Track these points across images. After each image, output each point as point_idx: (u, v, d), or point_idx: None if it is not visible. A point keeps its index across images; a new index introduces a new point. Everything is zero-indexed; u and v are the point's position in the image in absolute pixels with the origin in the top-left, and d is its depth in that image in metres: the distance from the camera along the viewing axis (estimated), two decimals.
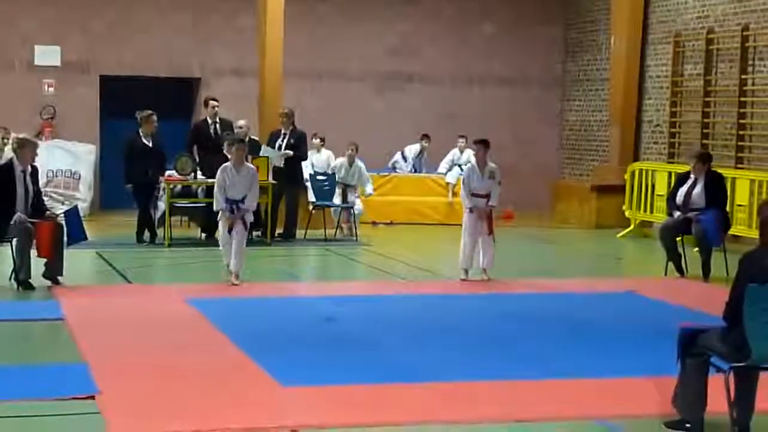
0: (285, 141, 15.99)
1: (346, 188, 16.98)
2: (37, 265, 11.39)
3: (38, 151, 11.89)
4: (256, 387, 7.45)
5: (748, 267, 5.98)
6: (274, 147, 15.94)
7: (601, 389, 7.57)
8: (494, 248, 12.41)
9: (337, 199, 16.80)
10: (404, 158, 19.63)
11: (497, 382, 7.69)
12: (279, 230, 15.97)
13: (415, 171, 19.57)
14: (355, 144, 17.10)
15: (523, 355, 8.63)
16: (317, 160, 17.68)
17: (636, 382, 7.69)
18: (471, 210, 12.33)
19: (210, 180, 15.52)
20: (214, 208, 12.41)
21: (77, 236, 11.92)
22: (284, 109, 16.43)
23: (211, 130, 16.00)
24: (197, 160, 15.90)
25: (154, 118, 15.22)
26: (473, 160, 13.32)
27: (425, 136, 19.53)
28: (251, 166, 12.63)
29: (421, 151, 19.60)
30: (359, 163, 17.11)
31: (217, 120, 16.10)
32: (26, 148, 11.46)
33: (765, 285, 5.84)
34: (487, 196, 12.37)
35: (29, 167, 11.49)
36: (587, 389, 7.55)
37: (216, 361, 8.23)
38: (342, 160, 17.12)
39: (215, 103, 16.17)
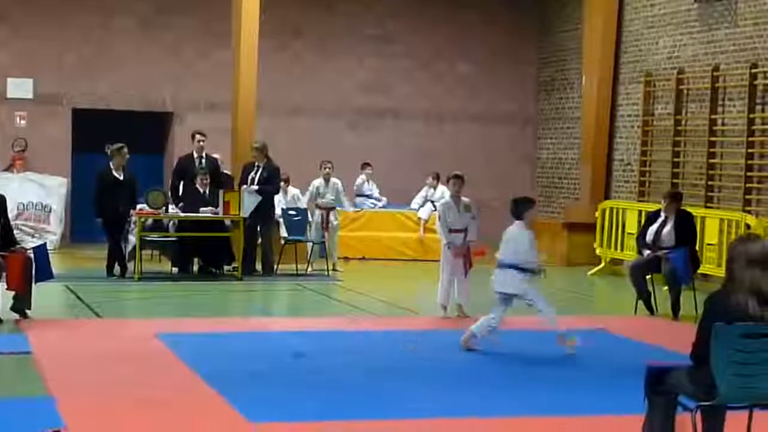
0: (258, 174, 15.99)
1: (328, 212, 16.94)
2: (5, 298, 11.31)
3: (9, 183, 11.81)
4: (223, 423, 7.41)
5: (714, 306, 6.02)
6: (247, 180, 15.94)
7: (568, 427, 7.57)
8: (469, 284, 12.46)
9: (316, 232, 16.77)
10: (367, 196, 19.60)
11: (468, 419, 7.67)
12: (259, 266, 15.96)
13: (378, 201, 19.56)
14: (330, 162, 17.12)
15: (493, 393, 8.63)
16: (283, 200, 17.60)
17: (603, 420, 7.71)
18: (448, 246, 12.36)
19: (182, 214, 15.52)
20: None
21: (44, 275, 11.75)
22: (257, 143, 16.43)
23: (196, 164, 15.96)
24: (180, 194, 15.84)
25: (125, 150, 15.14)
26: (447, 195, 13.36)
27: (366, 165, 19.56)
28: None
29: (367, 180, 19.64)
30: (336, 180, 17.10)
31: (203, 155, 16.07)
32: None
33: (731, 324, 5.87)
34: (464, 231, 12.40)
35: None
36: (555, 427, 7.55)
37: (184, 396, 8.19)
38: (318, 181, 17.07)
39: (200, 137, 16.13)
